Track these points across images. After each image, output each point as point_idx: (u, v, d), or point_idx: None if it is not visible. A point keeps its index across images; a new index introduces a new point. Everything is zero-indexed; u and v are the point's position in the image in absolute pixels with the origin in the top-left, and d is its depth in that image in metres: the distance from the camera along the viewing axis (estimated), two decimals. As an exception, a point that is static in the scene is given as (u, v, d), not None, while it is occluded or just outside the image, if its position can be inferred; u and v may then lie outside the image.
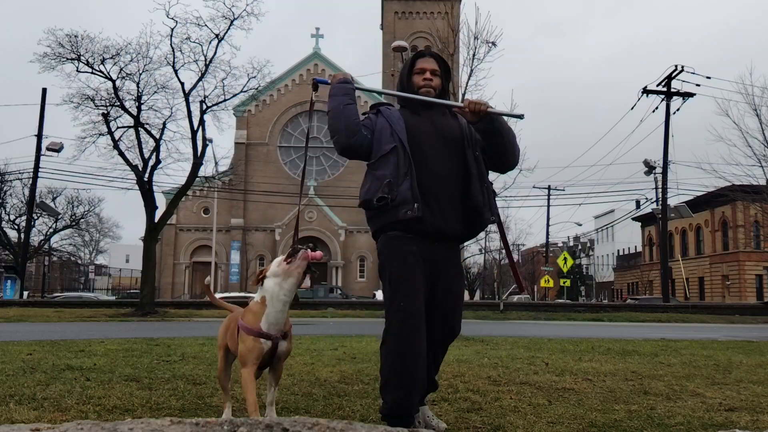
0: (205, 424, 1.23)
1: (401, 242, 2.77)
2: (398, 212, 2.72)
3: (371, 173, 2.85)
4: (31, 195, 25.36)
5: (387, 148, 2.81)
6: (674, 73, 23.82)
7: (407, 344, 2.66)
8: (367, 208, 2.86)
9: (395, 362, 2.67)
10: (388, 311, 2.76)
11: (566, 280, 36.37)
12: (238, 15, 17.96)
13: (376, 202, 2.75)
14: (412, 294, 2.70)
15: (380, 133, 2.86)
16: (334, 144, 2.90)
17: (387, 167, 2.78)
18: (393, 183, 2.73)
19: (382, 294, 2.86)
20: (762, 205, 23.11)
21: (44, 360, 5.32)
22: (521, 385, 4.19)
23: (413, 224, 2.74)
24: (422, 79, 2.99)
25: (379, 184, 2.77)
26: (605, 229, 62.87)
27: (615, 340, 8.32)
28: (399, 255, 2.76)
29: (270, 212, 43.41)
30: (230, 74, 18.52)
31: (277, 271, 2.77)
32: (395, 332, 2.68)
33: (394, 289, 2.73)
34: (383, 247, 2.84)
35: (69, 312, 17.76)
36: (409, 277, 2.72)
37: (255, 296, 2.83)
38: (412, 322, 2.67)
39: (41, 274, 44.88)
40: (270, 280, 2.76)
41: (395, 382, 2.66)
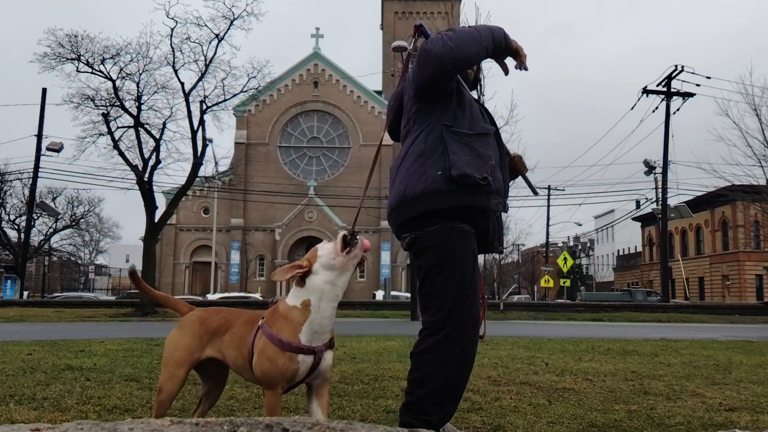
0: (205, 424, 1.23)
1: (470, 238, 2.46)
2: (491, 201, 2.47)
3: (469, 146, 2.46)
4: (31, 195, 25.36)
5: (488, 129, 2.57)
6: (674, 73, 23.83)
7: (470, 355, 2.42)
8: (454, 183, 2.39)
9: (457, 373, 2.37)
10: (451, 315, 2.37)
11: (566, 280, 36.37)
12: (238, 15, 18.03)
13: (480, 179, 2.41)
14: (478, 299, 2.46)
15: (471, 105, 2.57)
16: (438, 55, 2.36)
17: (489, 148, 2.52)
18: (495, 168, 2.50)
19: (434, 294, 2.43)
20: (762, 205, 23.12)
21: (44, 360, 5.31)
22: (521, 385, 4.18)
23: (480, 219, 2.48)
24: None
25: (482, 162, 2.45)
26: (605, 229, 62.87)
27: (615, 340, 8.32)
28: (470, 253, 2.46)
29: (270, 212, 43.42)
30: (230, 74, 18.61)
31: (333, 264, 2.20)
32: (461, 341, 2.37)
33: (466, 293, 2.39)
34: (447, 240, 2.42)
35: (69, 312, 17.76)
36: (477, 280, 2.47)
37: (290, 298, 2.23)
38: (477, 329, 2.44)
39: (41, 274, 44.88)
40: (319, 276, 2.19)
41: (449, 396, 2.38)
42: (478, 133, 2.50)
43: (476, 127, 2.51)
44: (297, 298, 2.20)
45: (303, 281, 2.19)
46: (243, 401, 3.53)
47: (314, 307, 2.16)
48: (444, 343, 2.36)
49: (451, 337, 2.35)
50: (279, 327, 2.16)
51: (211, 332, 2.32)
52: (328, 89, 45.53)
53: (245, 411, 3.29)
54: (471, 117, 2.52)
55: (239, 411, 3.28)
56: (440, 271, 2.41)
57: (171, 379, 2.27)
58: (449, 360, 2.34)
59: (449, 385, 2.36)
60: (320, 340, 2.17)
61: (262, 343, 2.17)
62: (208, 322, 2.34)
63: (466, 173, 2.38)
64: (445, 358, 2.35)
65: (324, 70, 45.79)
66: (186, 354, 2.29)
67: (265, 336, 2.17)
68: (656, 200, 26.60)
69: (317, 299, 2.17)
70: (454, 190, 2.40)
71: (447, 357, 2.35)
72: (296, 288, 2.21)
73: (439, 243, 2.42)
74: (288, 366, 2.11)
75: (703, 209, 39.22)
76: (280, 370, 2.11)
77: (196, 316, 2.39)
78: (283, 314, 2.18)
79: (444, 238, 2.42)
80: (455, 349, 2.35)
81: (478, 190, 2.41)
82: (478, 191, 2.42)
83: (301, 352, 2.13)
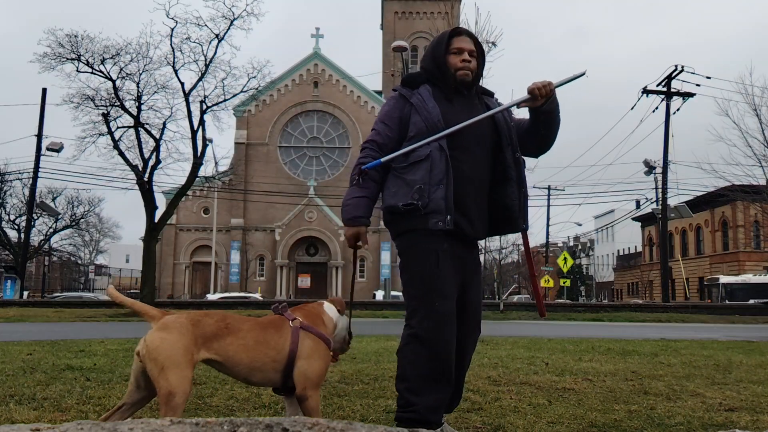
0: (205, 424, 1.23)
1: (431, 239, 2.59)
2: (428, 221, 2.56)
3: (400, 177, 2.65)
4: (31, 195, 25.37)
5: (422, 154, 2.60)
6: (674, 73, 23.83)
7: (443, 347, 2.51)
8: (391, 213, 2.67)
9: (429, 366, 2.50)
10: (417, 311, 2.58)
11: (566, 280, 36.38)
12: (238, 15, 18.03)
13: (402, 206, 2.59)
14: (447, 294, 2.56)
15: (413, 130, 2.66)
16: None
17: (419, 172, 2.59)
18: (424, 189, 2.56)
19: (406, 294, 2.68)
20: (762, 205, 23.14)
21: (44, 360, 5.31)
22: (521, 385, 4.18)
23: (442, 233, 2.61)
24: (460, 60, 2.72)
25: (408, 189, 2.59)
26: (605, 229, 62.88)
27: (615, 340, 8.32)
28: (431, 253, 2.58)
29: (270, 212, 43.41)
30: (230, 74, 18.62)
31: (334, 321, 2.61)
32: (430, 334, 2.51)
33: (428, 289, 2.56)
34: (410, 245, 2.65)
35: (69, 312, 17.76)
36: (443, 276, 2.56)
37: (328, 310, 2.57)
38: (448, 323, 2.54)
39: (41, 274, 44.88)
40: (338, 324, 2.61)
41: (428, 387, 2.50)
42: (410, 162, 2.62)
43: (411, 158, 2.62)
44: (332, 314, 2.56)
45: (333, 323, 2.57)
46: (243, 401, 3.54)
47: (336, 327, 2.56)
48: (413, 339, 2.56)
49: (418, 332, 2.54)
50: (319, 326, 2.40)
51: (207, 335, 2.28)
52: (328, 89, 45.52)
53: (245, 411, 3.29)
54: (410, 144, 2.63)
55: (239, 411, 3.28)
56: (404, 273, 2.69)
57: (182, 379, 2.19)
58: (420, 354, 2.51)
59: (425, 377, 2.50)
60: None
61: (312, 340, 2.35)
62: (201, 324, 2.29)
63: (390, 204, 2.64)
64: (416, 353, 2.53)
65: (324, 70, 45.78)
66: (187, 354, 2.24)
67: (313, 336, 2.35)
68: (656, 200, 26.59)
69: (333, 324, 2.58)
70: (390, 219, 2.69)
71: (417, 351, 2.52)
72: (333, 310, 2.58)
73: (403, 251, 2.69)
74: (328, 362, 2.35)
75: (703, 209, 39.22)
76: (327, 368, 2.33)
77: (187, 318, 2.31)
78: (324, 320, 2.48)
79: (405, 244, 2.67)
80: (424, 344, 2.51)
81: (409, 214, 2.58)
82: (410, 215, 2.58)
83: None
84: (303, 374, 2.25)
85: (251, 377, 2.31)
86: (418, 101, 2.69)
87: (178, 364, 2.20)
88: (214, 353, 2.28)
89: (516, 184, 2.71)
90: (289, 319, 2.36)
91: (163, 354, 2.21)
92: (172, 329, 2.25)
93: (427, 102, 2.68)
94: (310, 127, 45.86)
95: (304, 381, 2.25)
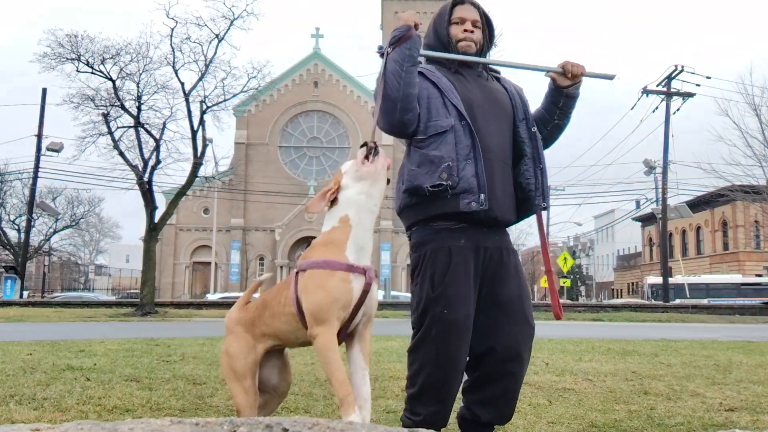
0: (205, 424, 1.23)
1: (447, 236, 2.35)
2: (459, 202, 2.28)
3: (421, 152, 2.34)
4: (31, 195, 25.38)
5: (444, 125, 2.33)
6: (674, 73, 23.84)
7: (448, 357, 2.29)
8: (414, 196, 2.35)
9: (433, 374, 2.30)
10: (424, 316, 2.33)
11: (566, 280, 36.39)
12: (238, 15, 18.01)
13: (429, 188, 2.28)
14: (458, 299, 2.30)
15: (428, 102, 2.37)
16: (380, 117, 2.33)
17: (444, 147, 2.30)
18: (453, 167, 2.28)
19: (413, 294, 2.42)
20: (762, 205, 23.14)
21: (44, 360, 5.31)
22: (521, 385, 4.18)
23: (465, 213, 2.31)
24: (462, 30, 2.51)
25: (434, 167, 2.29)
26: (605, 229, 62.89)
27: (615, 340, 8.32)
28: (443, 252, 2.33)
29: (270, 212, 43.42)
30: (230, 74, 18.60)
31: (361, 174, 2.13)
32: (435, 342, 2.29)
33: (437, 294, 2.29)
34: (422, 241, 2.38)
35: (69, 312, 17.76)
36: (455, 280, 2.30)
37: (326, 224, 2.14)
38: (455, 331, 2.28)
39: (41, 274, 44.88)
40: (352, 189, 2.11)
41: (431, 395, 2.32)
42: (430, 134, 2.34)
43: (430, 128, 2.35)
44: (333, 218, 2.10)
45: (334, 201, 2.11)
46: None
47: (354, 220, 2.07)
48: (420, 344, 2.34)
49: (426, 338, 2.31)
50: (320, 253, 2.02)
51: (249, 323, 2.21)
52: (328, 89, 45.52)
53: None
54: (427, 117, 2.36)
55: (239, 411, 3.28)
56: (416, 273, 2.40)
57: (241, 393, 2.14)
58: (427, 361, 2.31)
59: (431, 385, 2.30)
60: (366, 259, 2.04)
61: (306, 277, 2.02)
62: (243, 319, 2.24)
63: (414, 185, 2.33)
64: (423, 359, 2.32)
65: (324, 70, 45.78)
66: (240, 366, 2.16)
67: (307, 269, 2.02)
68: (656, 200, 26.62)
69: (356, 212, 2.08)
70: (413, 203, 2.37)
71: (425, 358, 2.32)
72: (330, 211, 2.12)
73: (415, 244, 2.42)
74: (341, 288, 1.94)
75: (703, 209, 39.26)
76: (332, 295, 1.93)
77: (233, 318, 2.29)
78: (322, 241, 2.07)
79: (417, 240, 2.41)
80: (431, 351, 2.30)
81: (436, 196, 2.30)
82: (438, 198, 2.30)
83: (352, 271, 1.98)
84: (306, 311, 1.99)
85: (293, 339, 2.16)
86: (424, 69, 2.46)
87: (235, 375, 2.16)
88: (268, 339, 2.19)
89: (532, 160, 2.47)
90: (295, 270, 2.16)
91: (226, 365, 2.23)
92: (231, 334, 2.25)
93: (433, 71, 2.46)
94: (310, 127, 45.87)
95: (308, 318, 1.99)
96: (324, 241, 2.07)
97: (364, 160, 2.14)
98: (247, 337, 2.18)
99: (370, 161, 2.14)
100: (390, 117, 2.32)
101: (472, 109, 2.38)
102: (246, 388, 2.13)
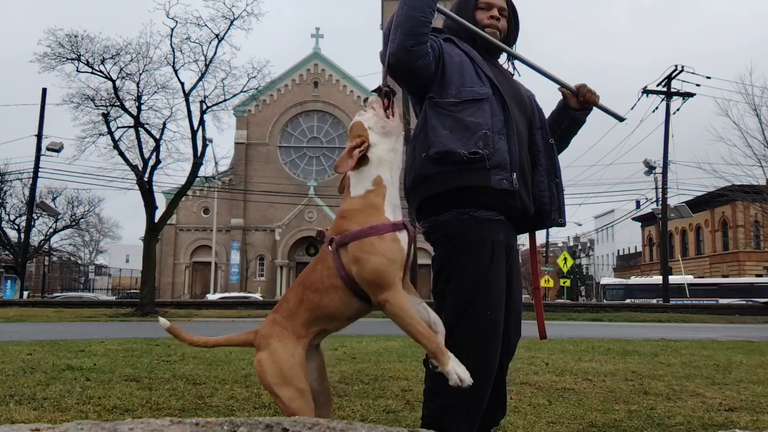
0: (205, 424, 1.23)
1: (490, 228, 2.12)
2: (491, 177, 2.06)
3: (453, 116, 2.12)
4: (31, 195, 25.37)
5: (482, 92, 2.13)
6: (674, 73, 23.84)
7: (489, 364, 2.06)
8: (444, 163, 2.09)
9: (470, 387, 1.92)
10: (462, 316, 2.06)
11: (566, 280, 36.39)
12: (238, 15, 18.03)
13: (467, 155, 2.05)
14: (501, 299, 2.11)
15: (461, 67, 2.18)
16: (390, 54, 2.10)
17: (480, 115, 2.10)
18: (489, 137, 2.07)
19: (444, 291, 2.14)
20: (762, 205, 23.12)
21: (44, 360, 5.32)
22: (521, 385, 4.18)
23: (505, 200, 2.11)
24: (488, 17, 2.34)
25: (469, 134, 2.08)
26: (605, 229, 62.85)
27: (615, 340, 8.32)
28: (486, 245, 2.09)
29: (270, 212, 43.42)
30: (230, 74, 18.63)
31: (389, 129, 1.99)
32: (475, 347, 2.03)
33: (480, 293, 2.06)
34: (456, 231, 2.11)
35: (69, 312, 17.77)
36: (497, 278, 2.10)
37: (355, 188, 1.96)
38: (495, 335, 2.07)
39: (41, 274, 44.89)
40: (381, 146, 1.96)
41: (463, 412, 2.04)
42: (465, 99, 2.13)
43: (464, 93, 2.14)
44: (365, 180, 1.94)
45: (366, 159, 1.94)
46: (243, 401, 3.53)
47: (387, 180, 1.94)
48: (455, 350, 1.96)
49: (462, 343, 2.01)
50: (360, 220, 1.88)
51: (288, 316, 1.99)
52: (328, 89, 45.52)
53: (245, 411, 3.29)
54: (461, 82, 2.16)
55: (239, 411, 3.28)
56: (451, 266, 2.12)
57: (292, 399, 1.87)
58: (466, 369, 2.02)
59: (463, 400, 2.00)
60: (399, 214, 1.95)
61: (352, 248, 1.87)
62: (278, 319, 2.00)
63: (447, 149, 2.07)
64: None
65: (324, 70, 45.78)
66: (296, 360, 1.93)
67: (351, 240, 1.87)
68: (656, 200, 26.62)
69: (388, 171, 1.95)
70: (442, 171, 2.10)
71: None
72: (358, 172, 1.95)
73: (449, 234, 2.13)
74: (394, 248, 1.85)
75: (703, 209, 39.24)
76: (391, 258, 1.83)
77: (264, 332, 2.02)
78: (359, 207, 1.92)
79: (455, 228, 2.12)
80: (468, 357, 1.93)
81: (470, 166, 2.07)
82: (471, 168, 2.07)
83: (398, 229, 1.89)
84: (364, 282, 1.86)
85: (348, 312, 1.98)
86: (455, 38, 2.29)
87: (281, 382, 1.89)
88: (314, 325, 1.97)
89: (546, 171, 2.29)
90: (327, 243, 1.97)
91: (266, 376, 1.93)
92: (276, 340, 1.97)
93: (462, 44, 2.27)
94: (310, 127, 45.86)
95: (369, 288, 1.86)
96: (362, 206, 1.92)
97: (387, 111, 2.00)
98: (289, 333, 1.95)
99: (392, 113, 2.00)
100: (402, 56, 2.08)
101: (502, 90, 2.20)
102: (302, 390, 1.87)
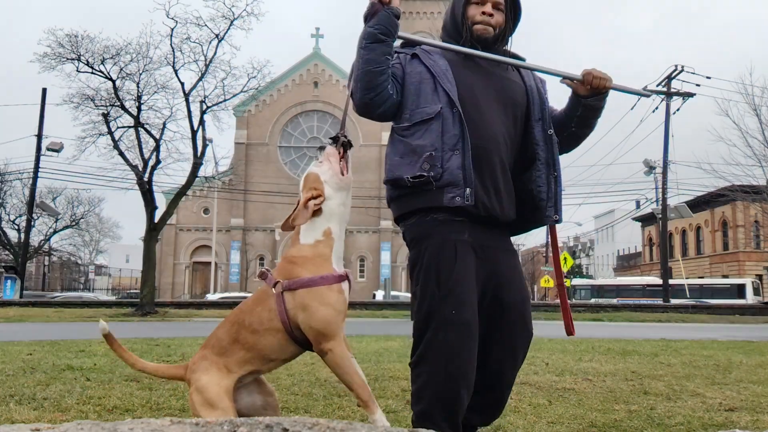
0: (205, 424, 1.23)
1: (450, 228, 2.13)
2: (443, 196, 2.09)
3: (403, 141, 2.18)
4: (31, 195, 25.37)
5: (430, 111, 2.14)
6: (674, 73, 23.84)
7: (461, 366, 2.05)
8: (396, 188, 2.19)
9: (445, 388, 2.05)
10: (429, 319, 2.08)
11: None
12: (238, 15, 18.01)
13: (409, 179, 2.11)
14: (467, 299, 2.08)
15: (417, 87, 2.19)
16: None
17: (428, 136, 2.12)
18: (436, 157, 2.09)
19: (414, 295, 2.20)
20: (762, 205, 23.14)
21: (44, 360, 5.31)
22: (521, 385, 4.18)
23: (465, 209, 2.11)
24: (480, 12, 2.27)
25: (415, 157, 2.12)
26: (605, 229, 62.87)
27: (615, 340, 8.32)
28: (448, 246, 2.11)
29: (270, 212, 43.41)
30: (230, 74, 18.61)
31: (340, 183, 2.09)
32: (445, 349, 2.04)
33: (443, 294, 2.07)
34: (423, 235, 2.15)
35: (69, 312, 17.76)
36: (463, 278, 2.09)
37: (305, 236, 2.05)
38: (465, 335, 2.06)
39: (41, 274, 44.88)
40: (334, 200, 2.07)
41: (440, 411, 2.07)
42: (415, 122, 2.16)
43: (415, 115, 2.17)
44: (316, 230, 2.04)
45: (319, 210, 2.04)
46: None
47: (336, 233, 2.05)
48: (427, 351, 2.09)
49: (432, 344, 2.07)
50: (311, 269, 1.96)
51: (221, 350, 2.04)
52: (328, 89, 45.52)
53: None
54: (415, 104, 2.18)
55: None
56: (417, 268, 2.17)
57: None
58: (436, 371, 2.06)
59: (442, 400, 2.06)
60: (341, 265, 2.05)
61: (300, 295, 1.94)
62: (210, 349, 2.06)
63: (395, 176, 2.17)
64: (432, 369, 2.07)
65: (324, 70, 45.78)
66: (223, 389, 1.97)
67: (301, 287, 1.94)
68: (656, 200, 26.63)
69: (337, 224, 2.06)
70: (395, 196, 2.22)
71: (433, 368, 2.07)
72: (310, 222, 2.04)
73: (416, 237, 2.19)
74: (341, 300, 1.96)
75: (703, 209, 39.24)
76: (338, 309, 1.94)
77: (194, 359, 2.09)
78: (308, 255, 2.01)
79: (414, 234, 2.19)
80: (440, 359, 2.04)
81: (417, 190, 2.12)
82: (420, 190, 2.12)
83: (342, 281, 2.00)
84: (310, 330, 1.93)
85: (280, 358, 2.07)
86: (421, 52, 2.28)
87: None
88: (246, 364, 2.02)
89: (545, 165, 2.24)
90: (271, 285, 2.02)
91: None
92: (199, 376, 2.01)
93: (431, 54, 2.26)
94: (310, 127, 45.86)
95: (314, 336, 1.94)
96: (312, 255, 2.01)
97: (342, 165, 2.12)
98: (218, 362, 1.99)
99: (346, 168, 2.11)
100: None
101: (474, 93, 2.19)
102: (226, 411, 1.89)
